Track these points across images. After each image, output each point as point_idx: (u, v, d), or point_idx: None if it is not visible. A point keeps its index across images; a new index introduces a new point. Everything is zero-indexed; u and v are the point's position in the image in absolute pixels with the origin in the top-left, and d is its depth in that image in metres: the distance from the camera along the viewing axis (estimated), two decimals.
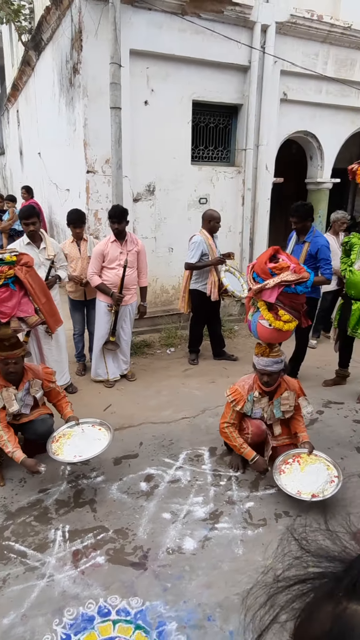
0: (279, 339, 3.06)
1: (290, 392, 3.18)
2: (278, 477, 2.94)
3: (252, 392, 3.15)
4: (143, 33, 5.22)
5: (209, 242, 4.84)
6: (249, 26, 5.77)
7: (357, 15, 6.38)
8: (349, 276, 4.06)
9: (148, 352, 5.61)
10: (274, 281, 2.87)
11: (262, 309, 2.97)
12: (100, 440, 3.12)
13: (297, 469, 2.99)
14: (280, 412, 3.16)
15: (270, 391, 3.15)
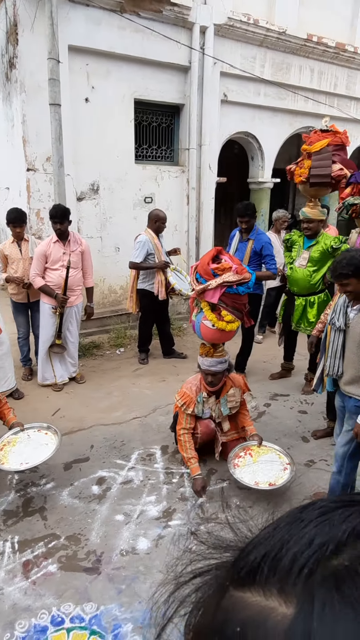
0: (222, 339, 3.11)
1: (235, 388, 3.25)
2: (233, 470, 3.00)
3: (200, 393, 3.20)
4: (82, 29, 5.12)
5: (154, 241, 4.84)
6: (188, 27, 5.83)
7: (291, 21, 6.64)
8: (290, 273, 4.22)
9: (97, 353, 5.53)
10: (216, 282, 2.90)
11: (205, 309, 3.00)
12: (48, 445, 3.03)
13: (250, 460, 3.08)
14: (227, 409, 3.24)
15: (216, 390, 3.21)
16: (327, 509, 0.31)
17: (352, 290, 2.47)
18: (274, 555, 0.28)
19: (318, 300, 4.13)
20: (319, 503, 0.32)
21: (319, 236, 4.09)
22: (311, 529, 0.29)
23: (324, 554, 0.27)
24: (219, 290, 2.92)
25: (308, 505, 0.32)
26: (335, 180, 3.68)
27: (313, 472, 3.33)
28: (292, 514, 0.32)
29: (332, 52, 7.16)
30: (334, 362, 2.72)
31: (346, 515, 0.29)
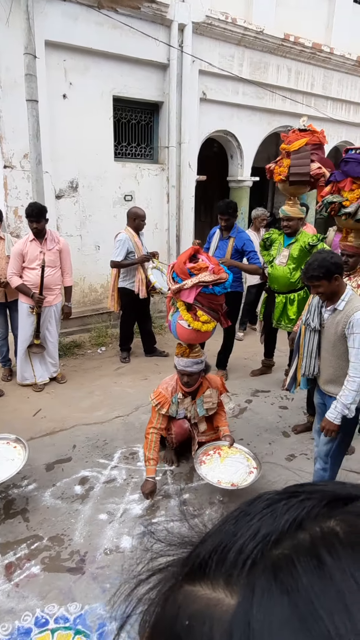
0: (197, 339, 3.07)
1: (212, 389, 3.22)
2: (199, 467, 3.02)
3: (175, 393, 3.15)
4: (58, 24, 5.05)
5: (134, 239, 4.83)
6: (167, 24, 5.82)
7: (268, 21, 6.70)
8: (271, 271, 4.27)
9: (78, 352, 5.49)
10: (192, 281, 2.85)
11: (181, 309, 2.96)
12: (14, 461, 2.87)
13: (218, 460, 3.08)
14: (204, 410, 3.21)
15: (192, 391, 3.18)
16: (272, 501, 0.32)
17: (324, 292, 2.49)
18: (221, 548, 0.30)
19: (298, 297, 4.20)
20: (265, 495, 0.33)
21: (298, 234, 4.15)
22: (256, 521, 0.30)
23: (266, 545, 0.28)
24: (194, 290, 2.88)
25: (256, 498, 0.34)
26: (314, 179, 3.74)
27: (294, 466, 3.38)
28: (240, 508, 0.33)
29: (308, 52, 7.26)
30: (310, 362, 2.75)
31: (289, 505, 0.31)
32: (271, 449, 3.60)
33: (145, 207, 6.33)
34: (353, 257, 3.25)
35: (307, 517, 0.30)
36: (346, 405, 2.43)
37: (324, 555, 0.26)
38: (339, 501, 0.31)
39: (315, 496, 0.32)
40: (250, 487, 2.86)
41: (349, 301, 2.49)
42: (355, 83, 8.34)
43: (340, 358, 2.54)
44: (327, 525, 0.29)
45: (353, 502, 0.31)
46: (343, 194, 3.13)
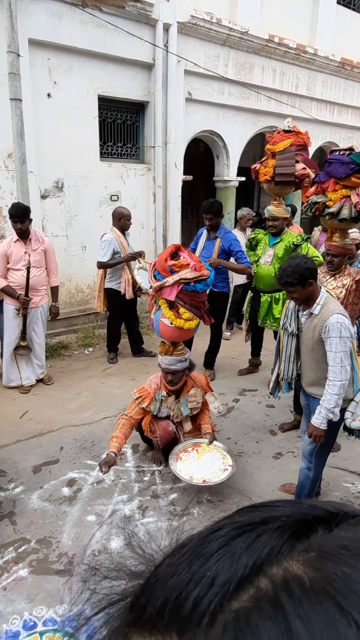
0: (180, 337, 3.04)
1: (197, 389, 3.21)
2: (174, 463, 3.02)
3: (159, 391, 3.13)
4: (42, 22, 5.01)
5: (120, 240, 4.82)
6: (152, 24, 5.81)
7: (253, 21, 6.74)
8: (256, 270, 4.31)
9: (65, 353, 5.45)
10: (173, 279, 2.83)
11: (163, 307, 2.94)
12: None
13: (195, 456, 3.07)
14: (188, 409, 3.18)
15: (177, 389, 3.16)
16: (229, 537, 0.29)
17: (298, 297, 2.48)
18: (174, 598, 0.26)
19: (283, 296, 4.23)
20: (222, 531, 0.30)
21: (283, 234, 4.19)
22: (213, 564, 0.27)
23: (225, 595, 0.26)
24: (176, 288, 2.86)
25: (210, 533, 0.31)
26: (299, 179, 3.78)
27: (281, 464, 3.42)
28: (194, 545, 0.30)
29: (293, 53, 7.32)
30: (288, 365, 2.76)
31: (248, 543, 0.28)
32: (258, 447, 3.63)
33: (131, 207, 6.32)
34: (338, 257, 3.29)
35: (267, 559, 0.27)
36: (330, 410, 2.43)
37: (288, 609, 0.24)
38: (300, 532, 0.29)
39: (274, 528, 0.29)
40: (225, 483, 2.90)
41: (324, 305, 2.48)
42: (339, 84, 8.44)
43: (319, 361, 2.55)
44: (290, 569, 0.26)
45: (315, 529, 0.30)
46: (327, 194, 3.17)
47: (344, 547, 0.27)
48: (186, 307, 2.93)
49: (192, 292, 2.92)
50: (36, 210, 5.32)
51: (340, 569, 0.25)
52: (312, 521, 0.30)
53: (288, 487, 3.09)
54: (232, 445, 3.63)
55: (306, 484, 2.73)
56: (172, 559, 0.30)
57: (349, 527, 0.30)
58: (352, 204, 3.02)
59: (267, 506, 0.33)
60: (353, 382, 2.56)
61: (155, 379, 3.21)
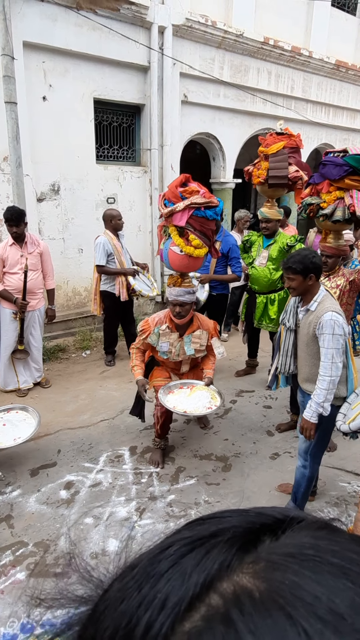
0: (189, 266, 3.09)
1: (203, 331, 3.23)
2: (163, 395, 3.13)
3: (159, 325, 3.18)
4: (37, 25, 5.02)
5: (113, 242, 4.83)
6: (147, 26, 5.83)
7: (248, 24, 6.77)
8: (252, 272, 4.32)
9: (63, 356, 5.45)
10: (184, 204, 2.87)
11: (173, 234, 2.97)
12: (26, 420, 3.14)
13: (186, 393, 3.17)
14: (192, 350, 3.19)
15: (182, 327, 3.18)
16: (179, 555, 0.29)
17: (295, 287, 2.54)
18: (124, 626, 0.26)
19: (278, 297, 4.25)
20: (171, 549, 0.30)
21: (277, 235, 4.21)
22: (163, 585, 0.27)
23: (177, 617, 0.25)
24: (186, 213, 2.89)
25: (160, 552, 0.30)
26: (292, 182, 3.80)
27: (278, 464, 3.43)
28: (143, 567, 0.30)
29: (288, 56, 7.35)
30: (286, 360, 2.82)
31: (198, 559, 0.28)
32: (255, 448, 3.64)
33: (128, 210, 6.34)
34: (332, 258, 3.31)
35: (217, 574, 0.27)
36: (320, 404, 2.48)
37: (239, 625, 0.24)
38: (249, 543, 0.30)
39: (224, 541, 0.29)
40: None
41: (320, 302, 2.54)
42: (334, 86, 8.49)
43: (314, 357, 2.59)
44: (240, 583, 0.26)
45: (263, 538, 0.30)
46: (321, 196, 3.18)
47: (290, 555, 0.28)
48: (196, 233, 2.96)
49: (202, 219, 2.95)
50: (32, 213, 5.33)
51: (288, 577, 0.26)
52: (259, 530, 0.31)
53: (285, 487, 3.10)
54: (229, 446, 3.64)
55: (302, 482, 2.75)
56: (121, 582, 0.30)
57: (294, 533, 0.31)
58: (346, 205, 3.03)
59: (215, 517, 0.33)
60: (347, 381, 2.58)
61: (160, 314, 3.24)
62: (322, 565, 0.27)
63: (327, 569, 0.27)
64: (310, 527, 0.32)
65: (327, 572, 0.26)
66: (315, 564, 0.27)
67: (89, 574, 0.33)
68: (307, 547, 0.28)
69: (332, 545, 0.29)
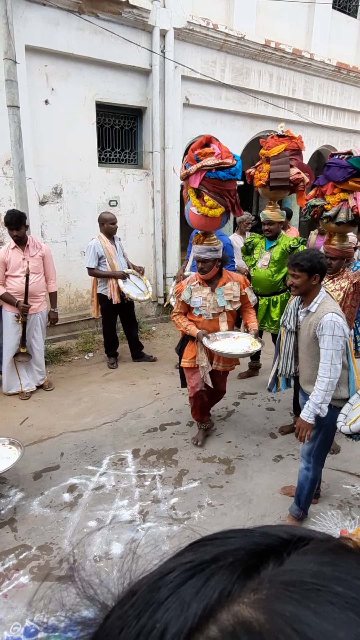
0: (207, 225, 3.19)
1: (234, 282, 3.34)
2: (208, 341, 3.23)
3: (191, 282, 3.33)
4: (39, 29, 5.04)
5: (105, 244, 4.84)
6: (148, 30, 5.85)
7: (249, 27, 6.78)
8: (254, 274, 4.32)
9: (65, 359, 5.46)
10: (196, 166, 2.95)
11: (191, 196, 3.07)
12: (9, 459, 2.91)
13: (231, 341, 3.28)
14: (225, 301, 3.30)
15: (212, 282, 3.31)
16: (178, 583, 0.28)
17: (299, 285, 2.54)
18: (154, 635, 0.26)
19: (280, 299, 4.25)
20: (171, 575, 0.29)
21: (279, 237, 4.21)
22: (162, 615, 0.26)
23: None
24: (199, 175, 2.96)
25: (160, 578, 0.30)
26: (294, 184, 3.80)
27: (281, 467, 3.42)
28: (143, 594, 0.29)
29: (289, 58, 7.36)
30: (286, 362, 2.83)
31: (198, 587, 0.27)
32: (258, 450, 3.63)
33: (130, 212, 6.36)
34: (336, 260, 3.30)
35: (217, 603, 0.26)
36: (317, 405, 2.47)
37: None
38: (251, 567, 0.29)
39: (226, 565, 0.29)
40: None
41: (321, 303, 2.54)
42: (335, 88, 8.49)
43: (315, 358, 2.59)
44: (239, 614, 0.26)
45: (267, 561, 0.29)
46: (326, 197, 3.18)
47: (291, 584, 0.27)
48: (210, 194, 3.02)
49: (214, 180, 3.01)
50: (35, 216, 5.34)
51: (289, 609, 0.25)
52: (264, 552, 0.30)
53: (288, 490, 3.09)
54: (232, 448, 3.64)
55: (305, 484, 2.74)
56: (121, 609, 0.29)
57: (299, 557, 0.29)
58: (350, 207, 3.03)
59: (219, 539, 0.32)
60: (349, 382, 2.58)
61: (192, 274, 3.42)
62: (325, 595, 0.25)
63: (331, 599, 0.25)
64: (316, 549, 0.30)
65: (331, 603, 0.25)
66: (317, 594, 0.26)
67: (93, 596, 0.33)
68: (310, 575, 0.27)
69: (337, 572, 0.27)
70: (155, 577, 0.30)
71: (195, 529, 2.48)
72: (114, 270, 4.84)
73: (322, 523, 2.86)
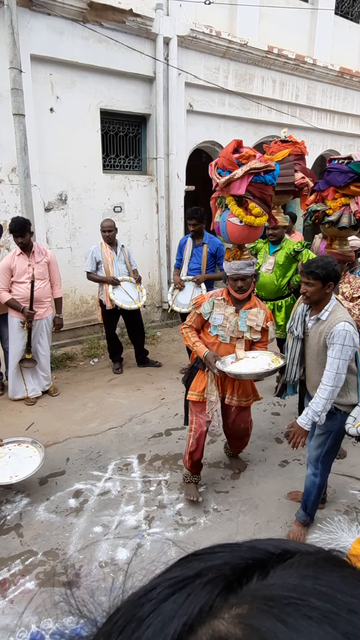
0: (249, 237, 2.87)
1: (260, 309, 2.98)
2: (226, 364, 2.84)
3: (215, 296, 2.96)
4: (44, 38, 5.11)
5: (103, 250, 4.88)
6: (152, 38, 5.91)
7: (252, 33, 6.84)
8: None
9: (71, 364, 5.48)
10: (243, 170, 2.63)
11: (231, 205, 2.74)
12: (32, 458, 3.08)
13: (249, 361, 2.88)
14: (246, 326, 2.93)
15: (240, 302, 2.94)
16: (161, 599, 0.29)
17: (312, 293, 2.47)
18: None
19: (285, 304, 4.25)
20: (154, 591, 0.29)
21: (283, 242, 4.22)
22: (143, 631, 0.27)
23: None
24: (245, 180, 2.66)
25: (144, 594, 0.30)
26: (298, 188, 3.81)
27: (287, 472, 3.40)
28: (126, 611, 0.29)
29: (292, 64, 7.40)
30: (292, 368, 2.75)
31: (179, 603, 0.28)
32: (264, 455, 3.62)
33: (134, 218, 6.39)
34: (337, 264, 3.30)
35: (198, 619, 0.26)
36: (317, 412, 2.44)
37: None
38: (235, 581, 0.29)
39: (208, 581, 0.29)
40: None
41: (332, 312, 2.50)
42: (338, 93, 8.52)
43: (324, 366, 2.56)
44: (217, 629, 0.26)
45: (252, 575, 0.29)
46: (327, 202, 3.19)
47: (271, 598, 0.26)
48: (256, 201, 2.73)
49: (261, 184, 2.73)
50: (40, 223, 5.39)
51: (265, 624, 0.25)
52: (249, 566, 0.30)
53: (294, 495, 3.08)
54: None
55: (312, 490, 2.72)
56: (107, 626, 0.29)
57: (282, 571, 0.29)
58: (352, 212, 3.03)
59: (206, 553, 0.32)
60: (358, 388, 2.56)
61: (216, 289, 3.04)
62: (303, 609, 0.25)
63: (309, 613, 0.25)
64: (301, 562, 0.30)
65: (308, 617, 0.25)
66: (295, 609, 0.25)
67: (86, 613, 0.33)
68: (290, 589, 0.27)
69: (317, 585, 0.27)
70: (140, 594, 0.30)
71: (180, 545, 2.43)
72: (109, 276, 4.88)
73: (329, 529, 2.84)
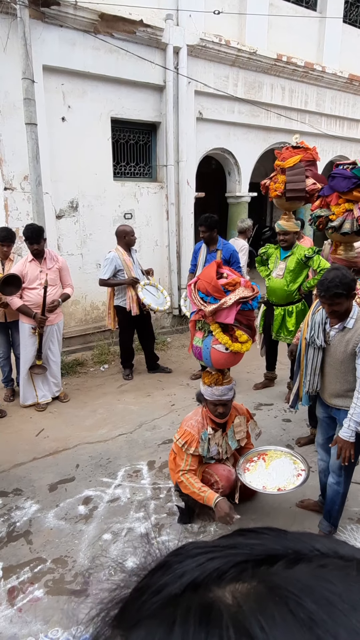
0: (233, 363, 2.79)
1: (240, 417, 2.94)
2: (243, 475, 2.76)
3: (204, 429, 2.79)
4: (56, 49, 5.20)
5: (123, 257, 4.87)
6: (162, 47, 5.98)
7: (261, 42, 6.87)
8: (269, 284, 4.31)
9: (81, 370, 5.48)
10: (232, 299, 2.55)
11: (217, 332, 2.64)
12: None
13: (262, 465, 2.83)
14: (235, 442, 2.88)
15: (223, 422, 2.84)
16: (194, 553, 0.32)
17: (341, 309, 2.41)
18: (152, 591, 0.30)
19: (296, 309, 4.21)
20: (196, 550, 0.32)
21: (294, 247, 4.19)
22: (159, 577, 0.31)
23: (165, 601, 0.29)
24: (234, 309, 2.58)
25: (180, 548, 0.34)
26: (310, 194, 3.80)
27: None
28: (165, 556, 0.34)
29: (301, 71, 7.42)
30: (313, 379, 2.69)
31: (199, 562, 0.30)
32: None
33: (144, 225, 6.42)
34: None
35: (205, 580, 0.29)
36: (359, 423, 2.42)
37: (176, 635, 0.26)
38: (260, 562, 0.30)
39: (236, 553, 0.30)
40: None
41: (357, 319, 2.46)
42: (347, 99, 8.51)
43: (347, 373, 2.52)
44: (215, 596, 0.28)
45: (279, 563, 0.30)
46: (331, 208, 3.17)
47: (271, 587, 0.27)
48: (242, 328, 2.68)
49: (248, 312, 2.69)
50: (51, 230, 5.44)
51: (255, 608, 0.26)
52: (285, 555, 0.30)
53: (306, 503, 3.02)
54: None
55: (336, 499, 2.67)
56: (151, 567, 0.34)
57: (311, 569, 0.29)
58: (355, 217, 3.00)
59: (252, 532, 0.34)
60: None
61: (195, 418, 2.86)
62: (290, 604, 0.26)
63: (298, 612, 0.25)
64: (336, 566, 0.29)
65: (292, 614, 0.25)
66: (285, 602, 0.26)
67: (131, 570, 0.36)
68: (291, 582, 0.27)
69: (327, 592, 0.27)
70: (180, 548, 0.34)
71: None
72: (133, 285, 4.85)
73: (341, 538, 2.78)
